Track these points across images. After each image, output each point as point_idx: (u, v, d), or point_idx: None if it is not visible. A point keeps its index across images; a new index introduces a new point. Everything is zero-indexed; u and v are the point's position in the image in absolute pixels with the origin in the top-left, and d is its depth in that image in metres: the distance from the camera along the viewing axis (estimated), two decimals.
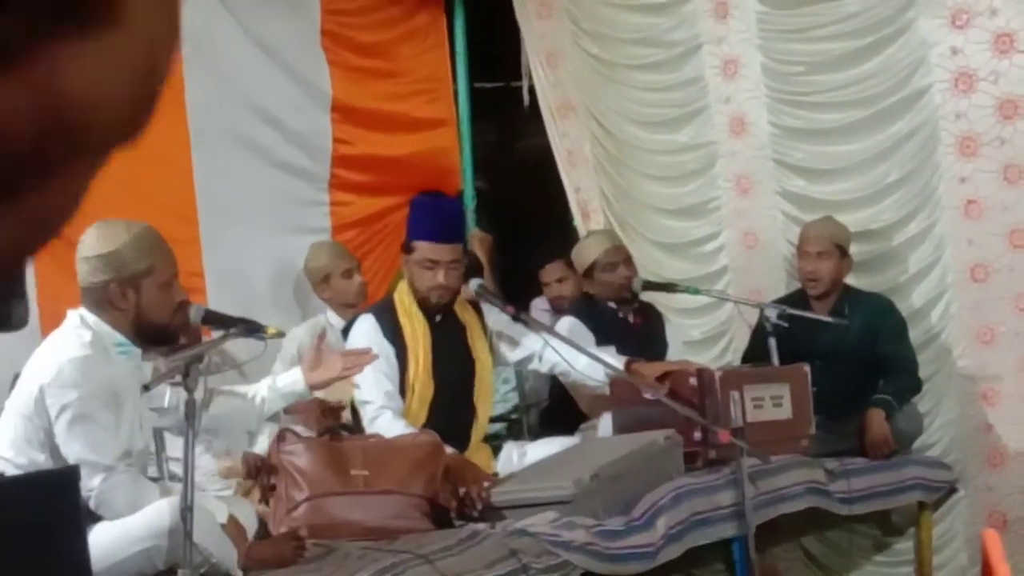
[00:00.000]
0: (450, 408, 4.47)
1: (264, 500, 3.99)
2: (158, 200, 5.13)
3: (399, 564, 3.40)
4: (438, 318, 4.55)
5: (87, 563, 2.82)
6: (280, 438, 3.97)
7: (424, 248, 4.47)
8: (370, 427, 4.37)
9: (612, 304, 5.27)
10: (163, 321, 3.43)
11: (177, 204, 5.29)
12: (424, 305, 4.51)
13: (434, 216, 4.54)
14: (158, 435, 4.03)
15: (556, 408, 5.40)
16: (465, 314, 4.65)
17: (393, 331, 4.48)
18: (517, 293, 5.91)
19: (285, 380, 3.77)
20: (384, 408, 4.37)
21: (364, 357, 3.92)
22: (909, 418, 5.27)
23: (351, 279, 5.39)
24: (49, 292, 4.22)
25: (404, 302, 4.55)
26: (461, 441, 4.45)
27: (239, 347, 3.97)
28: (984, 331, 5.45)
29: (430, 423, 4.38)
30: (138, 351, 3.43)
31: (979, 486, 5.52)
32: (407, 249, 4.54)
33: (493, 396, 4.78)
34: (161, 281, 3.40)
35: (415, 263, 4.50)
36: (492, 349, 4.69)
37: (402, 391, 4.47)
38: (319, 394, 4.03)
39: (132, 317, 3.38)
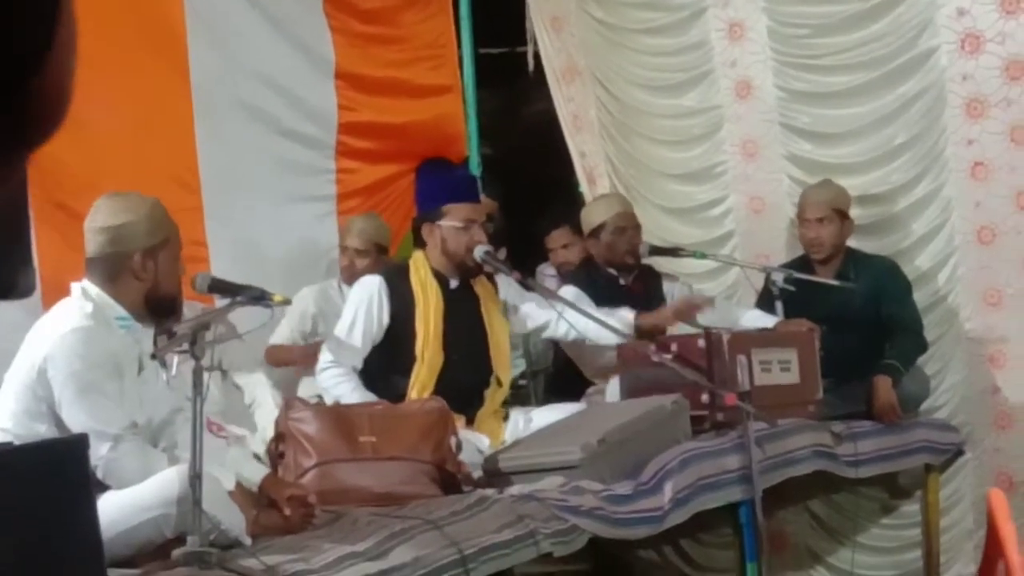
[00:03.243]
0: (463, 376, 4.48)
1: (273, 467, 3.99)
2: (161, 169, 5.12)
3: (408, 529, 3.40)
4: (453, 285, 4.56)
5: (97, 532, 2.82)
6: (288, 405, 3.98)
7: (460, 210, 4.54)
8: (318, 377, 4.46)
9: (612, 270, 5.26)
10: (173, 292, 3.46)
11: (180, 172, 5.28)
12: (440, 274, 4.53)
13: (457, 180, 4.62)
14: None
15: (562, 374, 5.41)
16: (479, 284, 4.66)
17: (403, 296, 4.49)
18: (523, 259, 5.90)
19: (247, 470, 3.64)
20: (335, 363, 4.43)
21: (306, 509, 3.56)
22: (916, 381, 5.27)
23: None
24: (51, 263, 4.22)
25: (420, 271, 4.56)
26: (472, 407, 4.46)
27: (244, 316, 3.96)
28: (991, 293, 5.44)
29: (440, 388, 4.38)
30: (138, 326, 3.43)
31: (986, 448, 5.52)
32: (434, 216, 4.55)
33: (509, 363, 4.79)
34: (174, 253, 3.45)
35: (449, 227, 4.53)
36: (507, 319, 4.70)
37: (410, 358, 4.48)
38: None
39: (148, 287, 3.39)
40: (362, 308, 4.49)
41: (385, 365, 4.52)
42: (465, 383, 4.45)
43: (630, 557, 5.80)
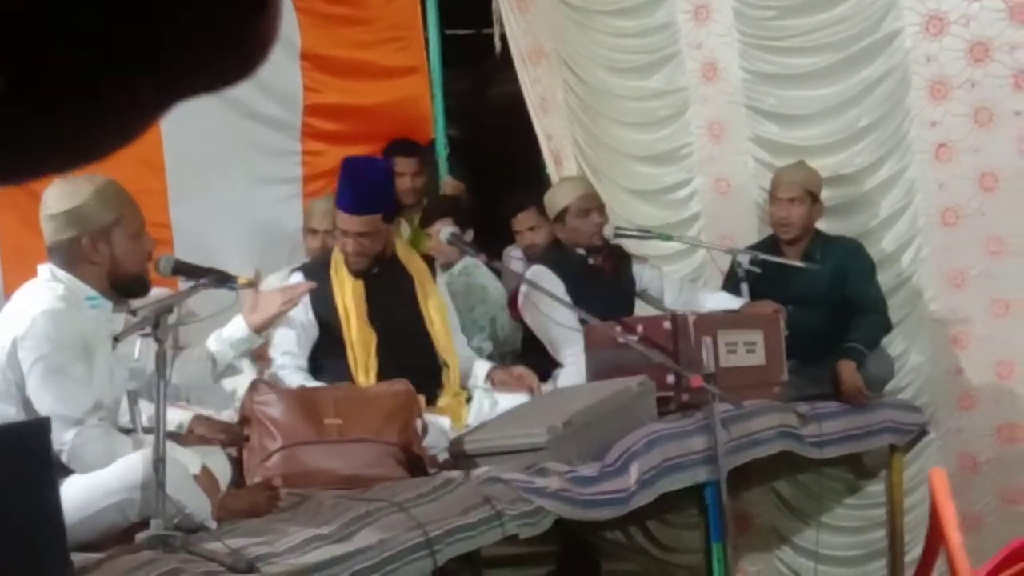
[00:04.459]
0: (405, 357, 4.49)
1: (239, 452, 3.98)
2: (125, 150, 5.07)
3: (373, 512, 3.40)
4: (375, 271, 4.62)
5: (60, 516, 2.81)
6: (253, 388, 3.97)
7: (337, 217, 4.65)
8: (278, 373, 4.56)
9: (581, 251, 5.27)
10: (137, 271, 3.43)
11: (144, 154, 5.23)
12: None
13: (346, 186, 4.61)
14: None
15: (529, 356, 5.41)
16: (413, 265, 4.70)
17: (322, 287, 4.50)
18: (490, 241, 5.89)
19: (230, 330, 3.83)
20: (282, 367, 4.55)
21: (300, 288, 4.03)
22: (880, 362, 5.31)
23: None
24: (12, 248, 4.18)
25: (337, 260, 4.66)
26: (430, 392, 4.47)
27: (209, 299, 3.95)
28: (955, 274, 5.48)
29: (387, 371, 4.40)
30: (109, 304, 3.41)
31: (950, 428, 5.56)
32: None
33: (456, 344, 4.79)
34: (131, 231, 3.41)
35: (337, 231, 4.67)
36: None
37: (342, 347, 4.55)
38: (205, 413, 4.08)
39: (107, 270, 3.37)
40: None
41: (327, 354, 4.61)
42: (411, 364, 4.44)
43: (597, 539, 5.83)
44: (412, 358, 4.52)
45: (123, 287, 3.42)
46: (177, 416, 3.93)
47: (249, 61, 0.58)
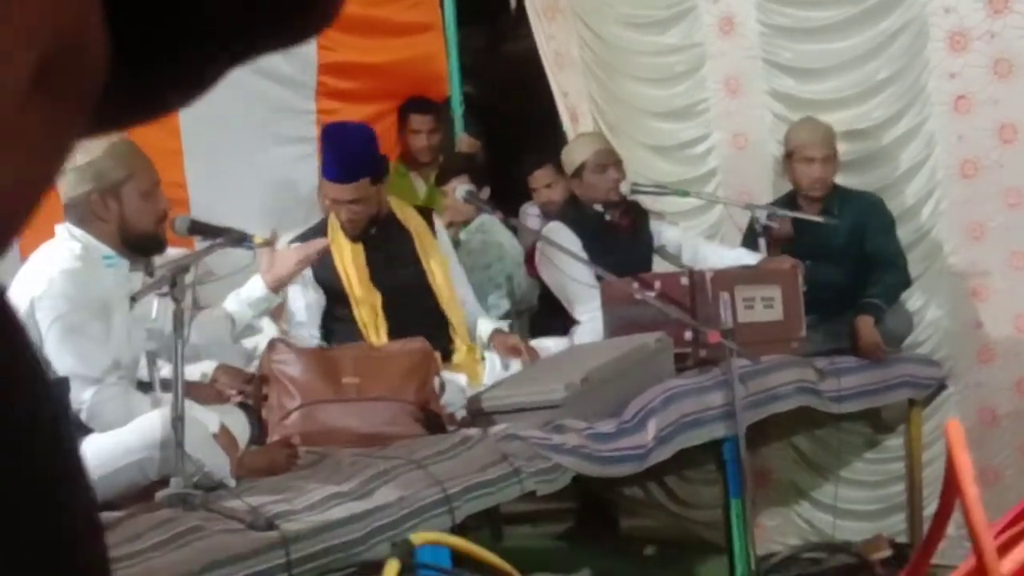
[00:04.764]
0: (412, 315, 4.50)
1: (257, 410, 4.00)
2: None
3: (392, 470, 3.41)
4: (372, 232, 4.63)
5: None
6: (271, 347, 3.98)
7: (326, 187, 4.70)
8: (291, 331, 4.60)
9: (598, 207, 5.25)
10: (149, 229, 3.43)
11: None
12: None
13: (330, 156, 4.61)
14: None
15: (547, 313, 5.41)
16: (411, 221, 4.70)
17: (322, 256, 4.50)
18: (507, 198, 5.88)
19: (248, 289, 3.85)
20: (297, 337, 4.52)
21: (315, 245, 4.07)
22: (899, 317, 5.29)
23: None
24: None
25: (333, 225, 4.67)
26: (443, 347, 4.48)
27: (226, 259, 3.95)
28: (974, 227, 5.44)
29: (396, 328, 4.42)
30: (125, 263, 3.42)
31: (969, 382, 5.54)
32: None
33: (461, 295, 4.79)
34: (142, 189, 3.41)
35: (329, 200, 4.68)
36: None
37: (349, 311, 4.58)
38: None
39: (117, 227, 3.38)
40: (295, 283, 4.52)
41: (336, 319, 4.64)
42: (419, 320, 4.45)
43: (615, 495, 5.85)
44: (419, 314, 4.53)
45: (137, 246, 3.43)
46: (201, 366, 3.95)
47: (325, 19, 0.59)
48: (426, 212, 4.90)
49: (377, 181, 4.62)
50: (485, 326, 4.76)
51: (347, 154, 4.54)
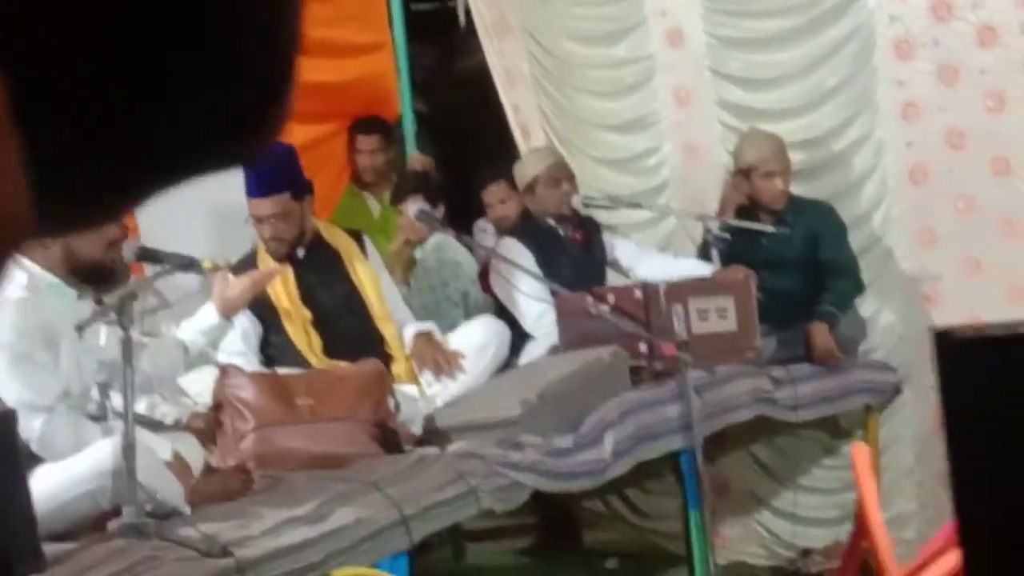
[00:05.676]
0: (348, 331, 4.47)
1: (211, 436, 3.97)
2: None
3: (348, 492, 3.41)
4: (301, 254, 4.55)
5: (29, 507, 2.80)
6: (224, 372, 3.95)
7: (249, 207, 4.55)
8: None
9: (551, 221, 5.26)
10: (94, 257, 3.39)
11: None
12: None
13: (248, 171, 4.50)
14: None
15: None
16: (337, 240, 4.66)
17: None
18: (461, 215, 5.88)
19: (200, 317, 3.82)
20: (240, 353, 4.39)
21: (268, 272, 4.08)
22: (852, 324, 5.32)
23: None
24: None
25: (261, 250, 4.57)
26: (382, 361, 4.44)
27: (179, 286, 3.93)
28: (925, 232, 5.48)
29: (334, 347, 4.38)
30: (72, 292, 3.39)
31: (924, 387, 5.57)
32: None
33: (390, 313, 4.75)
34: None
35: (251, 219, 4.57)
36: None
37: (285, 335, 4.49)
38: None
39: (61, 254, 3.34)
40: None
41: (273, 345, 4.53)
42: (354, 337, 4.42)
43: (577, 509, 5.84)
44: (354, 331, 4.49)
45: (83, 274, 3.39)
46: (174, 412, 3.90)
47: (258, 148, 0.57)
48: (355, 233, 4.81)
49: (298, 197, 4.54)
50: (409, 331, 4.67)
51: (264, 168, 4.44)
